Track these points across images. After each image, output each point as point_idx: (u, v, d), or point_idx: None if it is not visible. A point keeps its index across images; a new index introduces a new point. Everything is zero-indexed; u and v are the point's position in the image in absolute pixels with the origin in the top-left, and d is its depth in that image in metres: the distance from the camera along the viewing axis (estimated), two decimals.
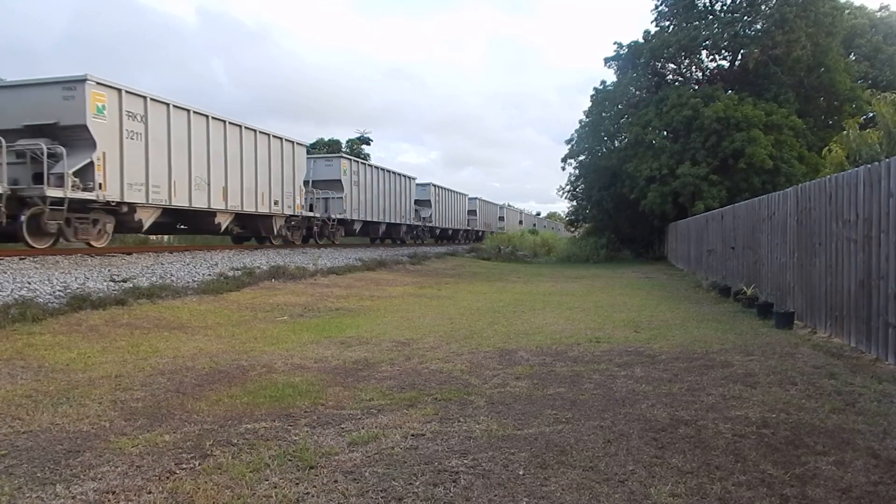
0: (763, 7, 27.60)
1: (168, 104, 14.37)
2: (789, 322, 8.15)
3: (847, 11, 31.06)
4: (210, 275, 11.87)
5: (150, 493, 3.07)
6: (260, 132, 18.12)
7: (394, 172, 29.20)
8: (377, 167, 27.75)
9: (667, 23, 30.60)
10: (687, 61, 31.05)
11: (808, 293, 7.99)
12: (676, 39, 28.67)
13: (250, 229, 19.20)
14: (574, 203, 36.26)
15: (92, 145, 12.21)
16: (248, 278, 12.28)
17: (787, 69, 27.60)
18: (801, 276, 8.34)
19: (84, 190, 12.10)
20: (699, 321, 8.97)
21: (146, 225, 14.24)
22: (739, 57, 29.08)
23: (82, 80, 12.07)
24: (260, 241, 20.29)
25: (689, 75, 31.71)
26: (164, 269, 11.74)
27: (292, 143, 20.00)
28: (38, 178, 11.65)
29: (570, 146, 33.28)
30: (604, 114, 31.84)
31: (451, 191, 38.66)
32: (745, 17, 27.85)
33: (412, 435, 3.91)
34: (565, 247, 35.09)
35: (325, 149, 42.75)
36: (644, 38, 31.06)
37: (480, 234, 45.36)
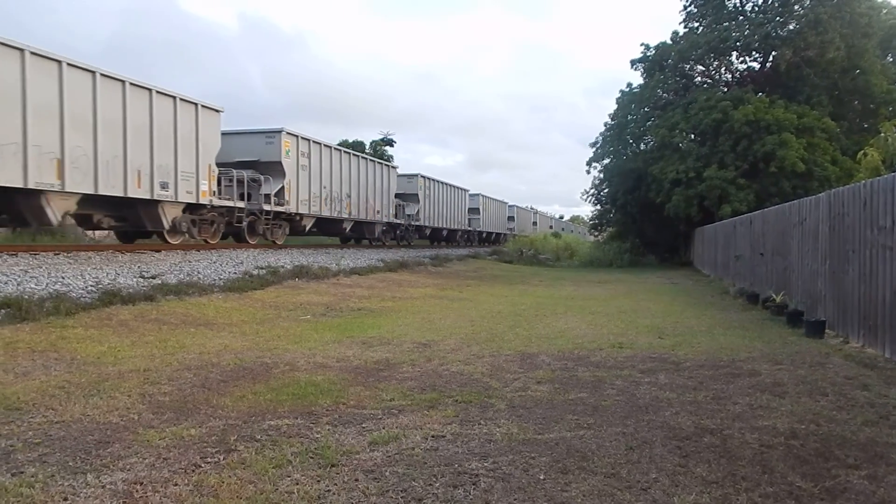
0: (796, 7, 27.03)
1: (323, 145, 20.63)
2: (820, 331, 7.97)
3: (885, 11, 30.23)
4: (236, 273, 12.03)
5: (176, 485, 3.12)
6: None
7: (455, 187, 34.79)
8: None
9: (696, 24, 30.17)
10: (716, 63, 30.54)
11: (841, 301, 7.80)
12: (706, 41, 28.24)
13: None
14: (598, 207, 35.94)
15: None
16: (273, 277, 12.42)
17: (821, 71, 26.99)
18: (833, 284, 8.15)
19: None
20: (726, 328, 8.82)
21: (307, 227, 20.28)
22: (771, 59, 28.53)
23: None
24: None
25: (718, 77, 31.20)
26: (192, 266, 11.93)
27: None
28: None
29: (594, 149, 33.03)
30: (629, 116, 31.52)
31: (496, 200, 44.04)
32: (777, 18, 27.29)
33: (432, 436, 3.92)
34: (588, 251, 34.83)
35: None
36: (672, 39, 30.68)
37: (502, 237, 45.20)
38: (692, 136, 28.22)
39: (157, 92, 13.63)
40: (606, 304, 12.19)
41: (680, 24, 30.95)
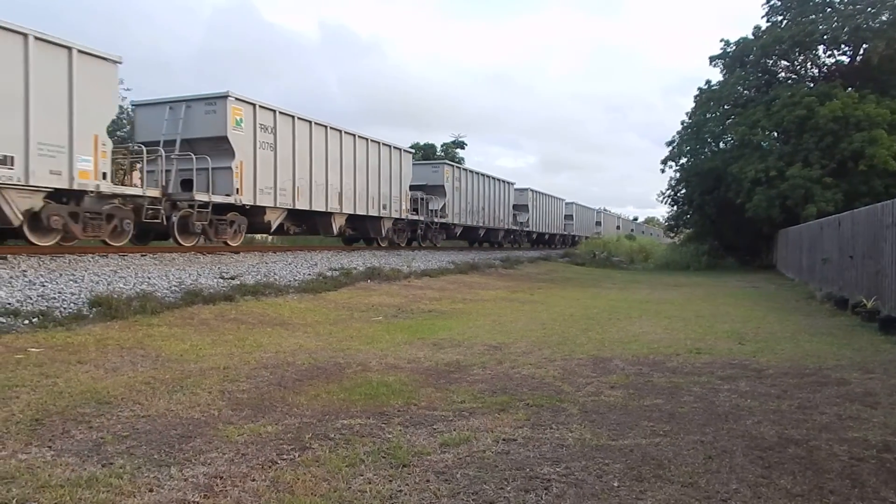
0: None
1: (468, 170, 27.27)
2: None
3: None
4: (310, 274, 12.41)
5: (253, 480, 3.24)
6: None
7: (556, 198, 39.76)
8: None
9: (779, 17, 28.72)
10: (801, 57, 28.94)
11: None
12: (790, 35, 26.79)
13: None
14: (674, 208, 34.73)
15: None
16: (346, 279, 12.73)
17: None
18: None
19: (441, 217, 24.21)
20: (811, 334, 8.32)
21: (458, 233, 26.35)
22: (861, 52, 26.74)
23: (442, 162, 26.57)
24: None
25: (803, 72, 29.55)
26: (268, 268, 12.40)
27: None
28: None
29: (670, 149, 31.97)
30: (708, 114, 30.40)
31: (586, 207, 49.39)
32: (869, 9, 25.50)
33: (504, 439, 3.90)
34: (664, 253, 33.78)
35: (419, 152, 43.67)
36: (754, 34, 29.35)
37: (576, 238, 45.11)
38: (774, 133, 26.85)
39: (383, 144, 20.07)
40: (683, 308, 11.76)
41: (762, 17, 29.58)
